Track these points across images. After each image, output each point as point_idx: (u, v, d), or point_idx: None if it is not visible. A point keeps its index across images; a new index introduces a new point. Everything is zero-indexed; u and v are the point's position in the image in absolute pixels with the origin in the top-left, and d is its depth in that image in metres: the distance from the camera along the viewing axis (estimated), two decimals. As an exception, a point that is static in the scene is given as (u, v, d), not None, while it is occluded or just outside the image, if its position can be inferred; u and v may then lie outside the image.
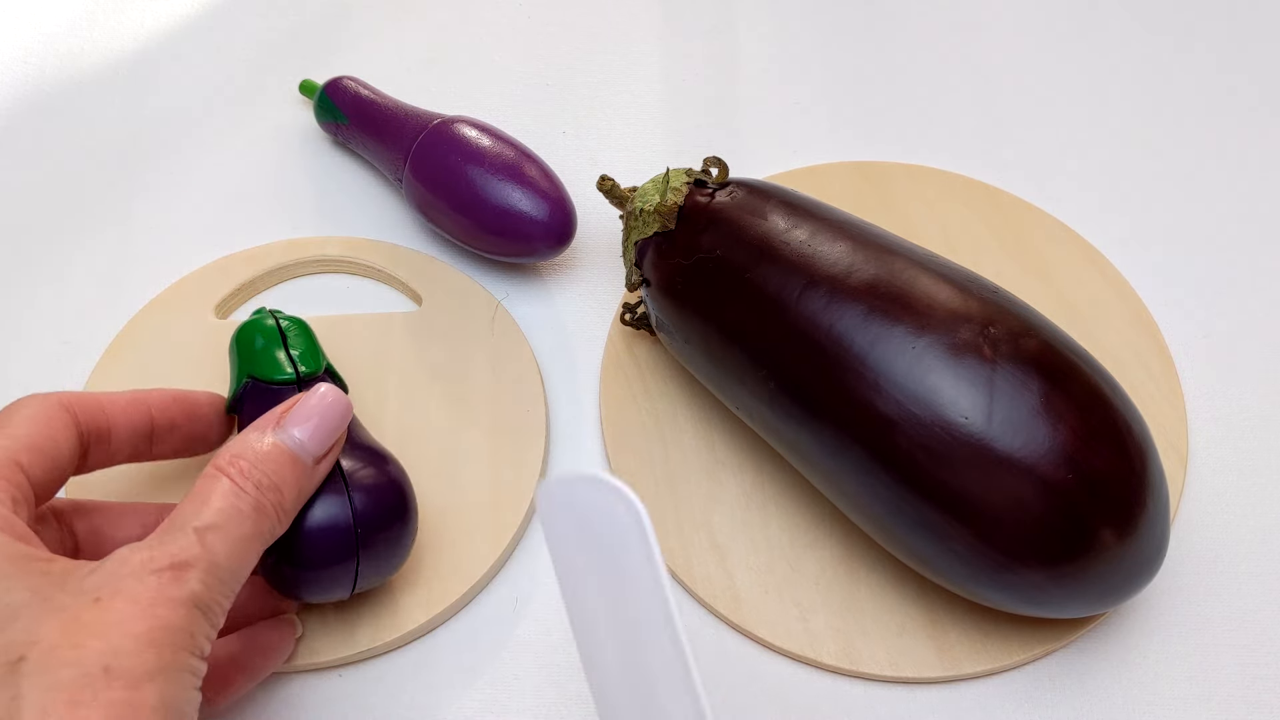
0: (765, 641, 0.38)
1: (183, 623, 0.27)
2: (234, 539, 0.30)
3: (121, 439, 0.35)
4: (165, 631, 0.27)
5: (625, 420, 0.43)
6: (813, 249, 0.37)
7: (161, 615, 0.27)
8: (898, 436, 0.34)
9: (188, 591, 0.28)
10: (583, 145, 0.54)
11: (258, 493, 0.31)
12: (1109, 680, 0.38)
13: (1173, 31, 0.59)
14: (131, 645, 0.26)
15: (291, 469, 0.32)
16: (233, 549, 0.30)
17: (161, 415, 0.36)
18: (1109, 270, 0.48)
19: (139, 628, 0.27)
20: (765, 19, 0.60)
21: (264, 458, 0.32)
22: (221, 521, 0.30)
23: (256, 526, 0.31)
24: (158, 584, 0.27)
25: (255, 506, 0.31)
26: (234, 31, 0.60)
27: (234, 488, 0.31)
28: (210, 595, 0.28)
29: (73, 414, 0.33)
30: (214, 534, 0.29)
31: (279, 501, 0.31)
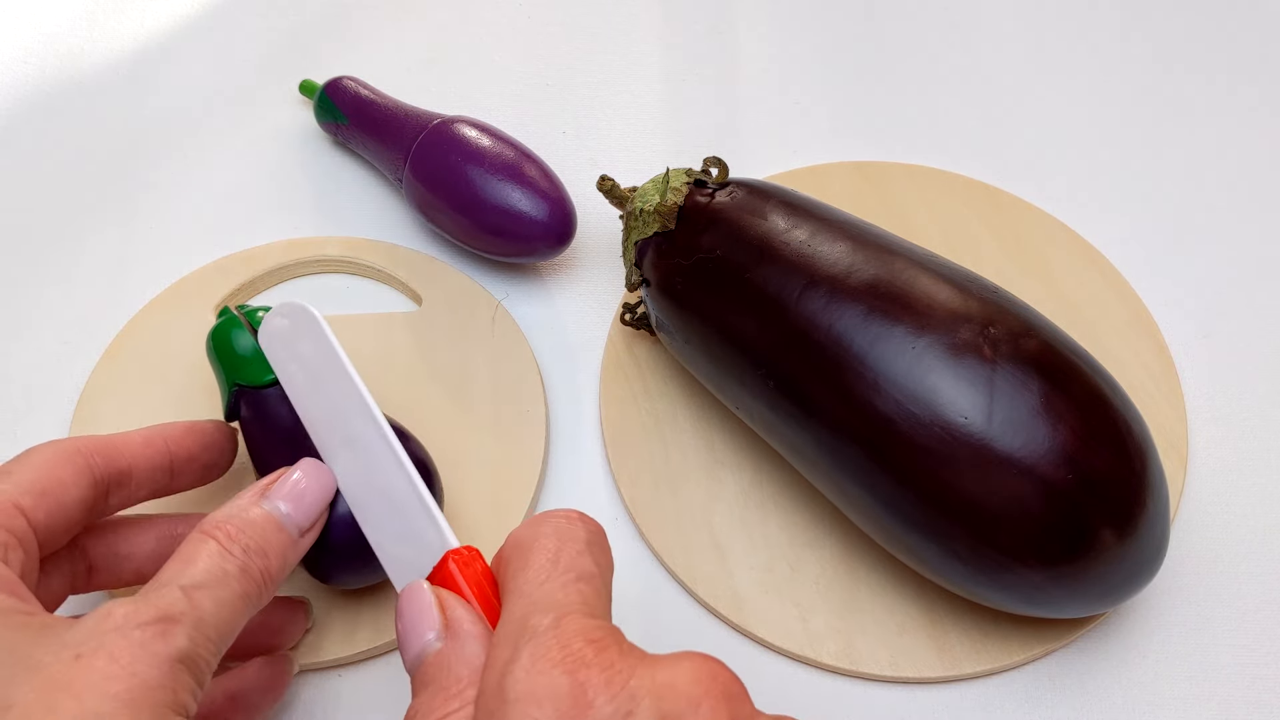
0: (765, 641, 0.38)
1: (165, 680, 0.27)
2: (221, 598, 0.29)
3: (142, 479, 0.35)
4: (145, 691, 0.26)
5: (625, 420, 0.43)
6: (813, 249, 0.37)
7: (142, 673, 0.26)
8: (897, 436, 0.34)
9: (173, 648, 0.27)
10: (583, 145, 0.54)
11: (245, 556, 0.30)
12: (1109, 680, 0.38)
13: (1173, 31, 0.59)
14: (109, 707, 0.25)
15: (277, 537, 0.32)
16: (220, 607, 0.29)
17: (179, 449, 0.36)
18: (1109, 270, 0.48)
19: (117, 687, 0.26)
20: (765, 19, 0.60)
21: (251, 524, 0.31)
22: (208, 581, 0.29)
23: (244, 588, 0.30)
24: (141, 639, 0.27)
25: (242, 569, 0.30)
26: (234, 31, 0.60)
27: (221, 549, 0.30)
28: (197, 651, 0.28)
29: (86, 457, 0.33)
30: (201, 592, 0.29)
31: (265, 567, 0.31)
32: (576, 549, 0.29)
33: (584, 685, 0.24)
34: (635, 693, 0.24)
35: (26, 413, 0.45)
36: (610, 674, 0.24)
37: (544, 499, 0.42)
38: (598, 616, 0.27)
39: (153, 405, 0.44)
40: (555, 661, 0.25)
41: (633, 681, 0.24)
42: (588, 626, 0.26)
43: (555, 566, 0.28)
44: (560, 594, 0.27)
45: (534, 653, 0.25)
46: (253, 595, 0.30)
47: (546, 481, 0.43)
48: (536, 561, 0.28)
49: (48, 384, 0.45)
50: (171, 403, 0.44)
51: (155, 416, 0.43)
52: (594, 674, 0.24)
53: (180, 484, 0.36)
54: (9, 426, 0.44)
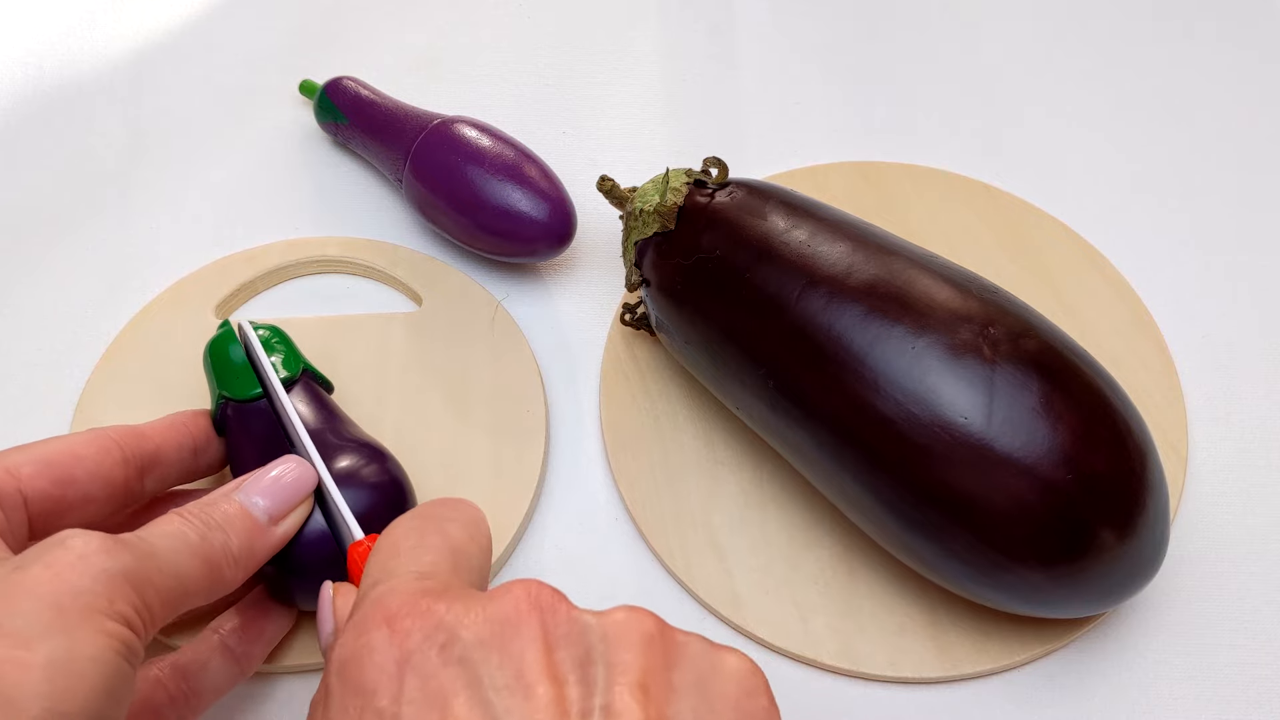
0: (765, 641, 0.38)
1: (99, 588, 0.27)
2: (174, 546, 0.30)
3: (171, 459, 0.36)
4: (72, 594, 0.26)
5: (625, 420, 0.43)
6: (812, 249, 0.37)
7: (71, 579, 0.26)
8: (897, 436, 0.34)
9: (114, 562, 0.27)
10: (583, 145, 0.54)
11: (205, 528, 0.31)
12: (1109, 680, 0.38)
13: (1173, 32, 0.59)
14: (29, 606, 0.26)
15: (242, 520, 0.32)
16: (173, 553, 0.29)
17: (197, 429, 0.38)
18: (1109, 270, 0.48)
19: (44, 589, 0.26)
20: (765, 19, 0.60)
21: (214, 505, 0.32)
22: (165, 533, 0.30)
23: (202, 551, 0.30)
24: (82, 553, 0.27)
25: (201, 536, 0.31)
26: (234, 31, 0.60)
27: (182, 519, 0.31)
28: (144, 574, 0.28)
29: (114, 439, 0.34)
30: (155, 537, 0.29)
31: (225, 543, 0.31)
32: (434, 526, 0.29)
33: (401, 632, 0.24)
34: (451, 626, 0.24)
35: (26, 413, 0.45)
36: (427, 617, 0.25)
37: (544, 499, 0.42)
38: (437, 578, 0.27)
39: (153, 406, 0.43)
40: (375, 621, 0.25)
41: (449, 617, 0.24)
42: (415, 585, 0.26)
43: (404, 543, 0.28)
44: (397, 563, 0.27)
45: (357, 618, 0.25)
46: (214, 561, 0.31)
47: (546, 481, 0.43)
48: (388, 540, 0.29)
49: (48, 384, 0.45)
50: (171, 403, 0.43)
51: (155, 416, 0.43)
52: (410, 621, 0.25)
53: (203, 464, 0.38)
54: (9, 427, 0.44)
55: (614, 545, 0.41)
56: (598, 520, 0.42)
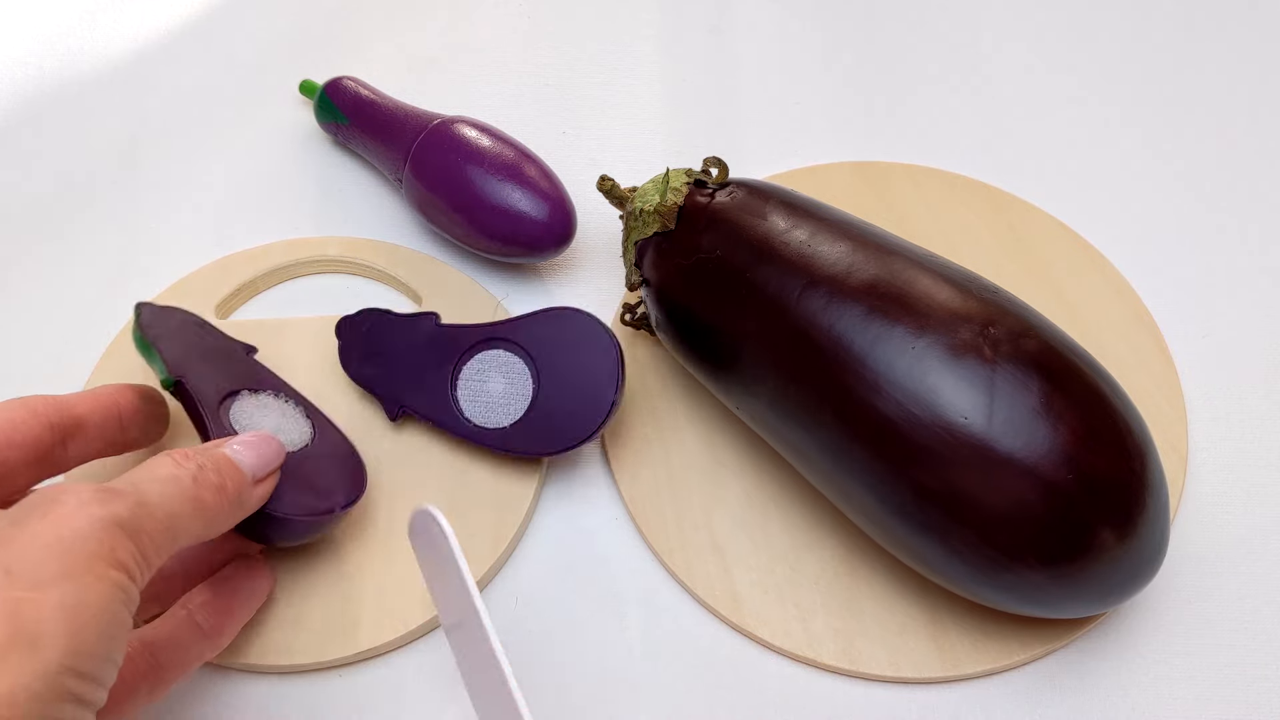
0: (765, 642, 0.38)
1: (99, 534, 0.27)
2: (168, 492, 0.30)
3: (95, 428, 0.36)
4: (77, 540, 0.27)
5: (625, 420, 0.43)
6: (813, 249, 0.37)
7: (73, 527, 0.27)
8: (898, 437, 0.34)
9: (110, 511, 0.28)
10: (583, 145, 0.54)
11: (199, 470, 0.32)
12: (1109, 680, 0.38)
13: (1173, 31, 0.59)
14: (36, 553, 0.26)
15: (231, 469, 0.33)
16: (166, 500, 0.30)
17: (125, 400, 0.38)
18: (1109, 270, 0.48)
19: (48, 538, 0.27)
20: (765, 19, 0.60)
21: (206, 451, 0.33)
22: (159, 477, 0.30)
23: (195, 494, 0.31)
24: (78, 503, 0.28)
25: (194, 477, 0.31)
26: (234, 31, 0.60)
27: (174, 462, 0.31)
28: (138, 522, 0.28)
29: (39, 403, 0.35)
30: (148, 483, 0.30)
31: (220, 484, 0.32)
32: None
33: None
34: None
35: (26, 413, 0.45)
36: None
37: (544, 499, 0.42)
38: None
39: (153, 405, 0.43)
40: None
41: None
42: None
43: None
44: None
45: None
46: (206, 505, 0.31)
47: (547, 481, 0.43)
48: None
49: (48, 384, 0.45)
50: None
51: (155, 416, 0.43)
52: None
53: (130, 437, 0.38)
54: (9, 426, 0.44)
55: (614, 545, 0.41)
56: (598, 520, 0.42)
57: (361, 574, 0.39)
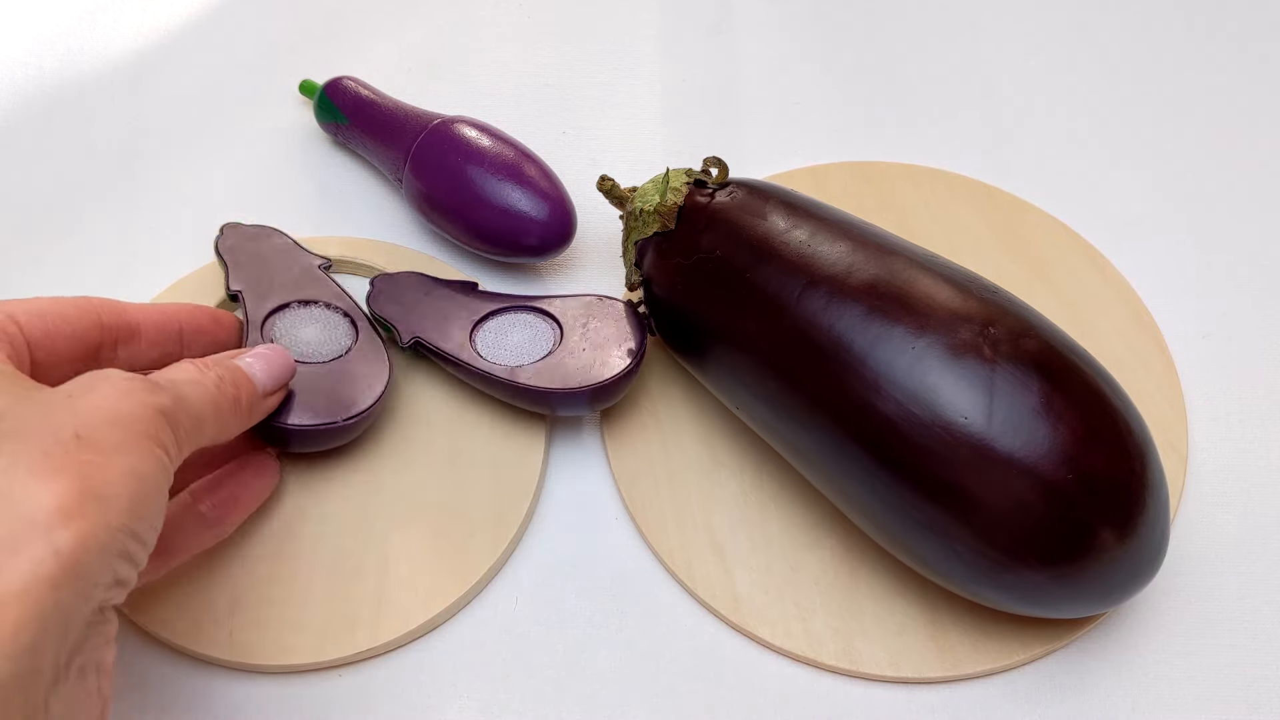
0: (765, 641, 0.38)
1: (149, 417, 0.30)
2: (197, 393, 0.32)
3: (151, 338, 0.37)
4: (133, 419, 0.29)
5: (625, 420, 0.43)
6: (813, 249, 0.38)
7: (129, 407, 0.29)
8: (898, 436, 0.34)
9: (156, 400, 0.30)
10: (583, 145, 0.54)
11: (218, 378, 0.34)
12: (1109, 680, 0.38)
13: (1173, 31, 0.59)
14: (100, 423, 0.28)
15: (245, 381, 0.35)
16: (196, 399, 0.32)
17: (189, 319, 0.39)
18: (1109, 270, 0.48)
19: (108, 414, 0.29)
20: (765, 19, 0.60)
21: (222, 361, 0.35)
22: (187, 379, 0.33)
23: (215, 398, 0.33)
24: (129, 389, 0.30)
25: (216, 383, 0.34)
26: (234, 31, 0.60)
27: (198, 370, 0.34)
28: (175, 415, 0.31)
29: (93, 303, 0.36)
30: (180, 383, 0.32)
31: (236, 395, 0.34)
32: None
33: None
34: None
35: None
36: None
37: (544, 499, 0.42)
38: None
39: (153, 405, 0.44)
40: None
41: None
42: None
43: None
44: None
45: None
46: (223, 409, 0.34)
47: (547, 481, 0.43)
48: None
49: (48, 384, 0.45)
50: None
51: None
52: None
53: (191, 352, 0.39)
54: (9, 426, 0.44)
55: (614, 545, 0.41)
56: (598, 520, 0.42)
57: (361, 574, 0.39)
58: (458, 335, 0.43)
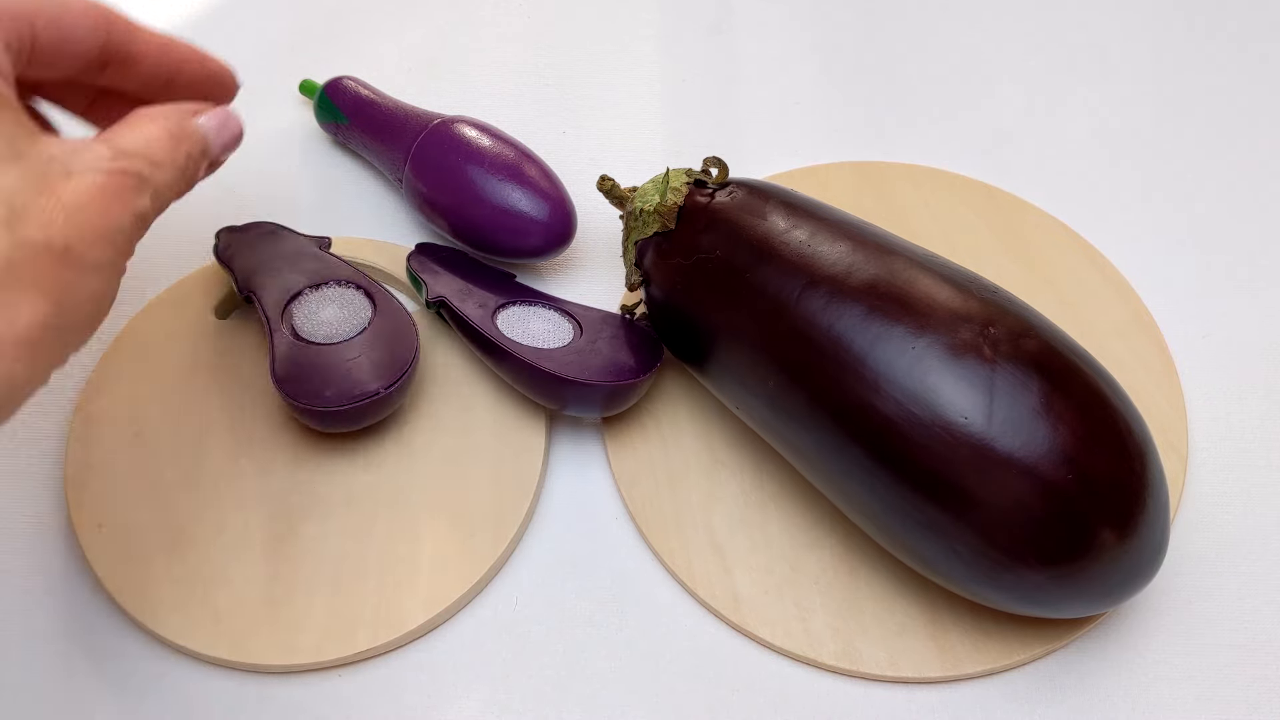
0: (765, 641, 0.38)
1: (131, 227, 0.30)
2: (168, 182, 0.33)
3: (142, 75, 0.37)
4: (118, 232, 0.30)
5: (625, 420, 0.43)
6: (812, 249, 0.38)
7: (116, 217, 0.30)
8: (897, 436, 0.34)
9: (139, 205, 0.31)
10: (583, 145, 0.54)
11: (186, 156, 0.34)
12: (1109, 680, 0.38)
13: (1173, 31, 0.59)
14: (90, 235, 0.29)
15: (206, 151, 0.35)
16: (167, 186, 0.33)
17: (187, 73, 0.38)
18: (1109, 270, 0.48)
19: (99, 222, 0.29)
20: (765, 19, 0.60)
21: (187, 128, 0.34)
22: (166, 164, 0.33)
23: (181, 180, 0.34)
24: (120, 186, 0.30)
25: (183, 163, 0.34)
26: (234, 31, 0.60)
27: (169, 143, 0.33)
28: (149, 214, 0.31)
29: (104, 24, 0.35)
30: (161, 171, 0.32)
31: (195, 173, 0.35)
32: None
33: None
34: None
35: (27, 412, 0.45)
36: None
37: (544, 499, 0.42)
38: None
39: (153, 405, 0.44)
40: None
41: None
42: None
43: None
44: None
45: None
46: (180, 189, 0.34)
47: (547, 481, 0.43)
48: None
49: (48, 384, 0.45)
50: (172, 403, 0.44)
51: (155, 417, 0.43)
52: None
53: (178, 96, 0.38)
54: (10, 426, 0.44)
55: (614, 545, 0.41)
56: (598, 520, 0.42)
57: (362, 574, 0.39)
58: (481, 311, 0.43)
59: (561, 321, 0.44)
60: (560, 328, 0.43)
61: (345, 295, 0.44)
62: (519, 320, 0.43)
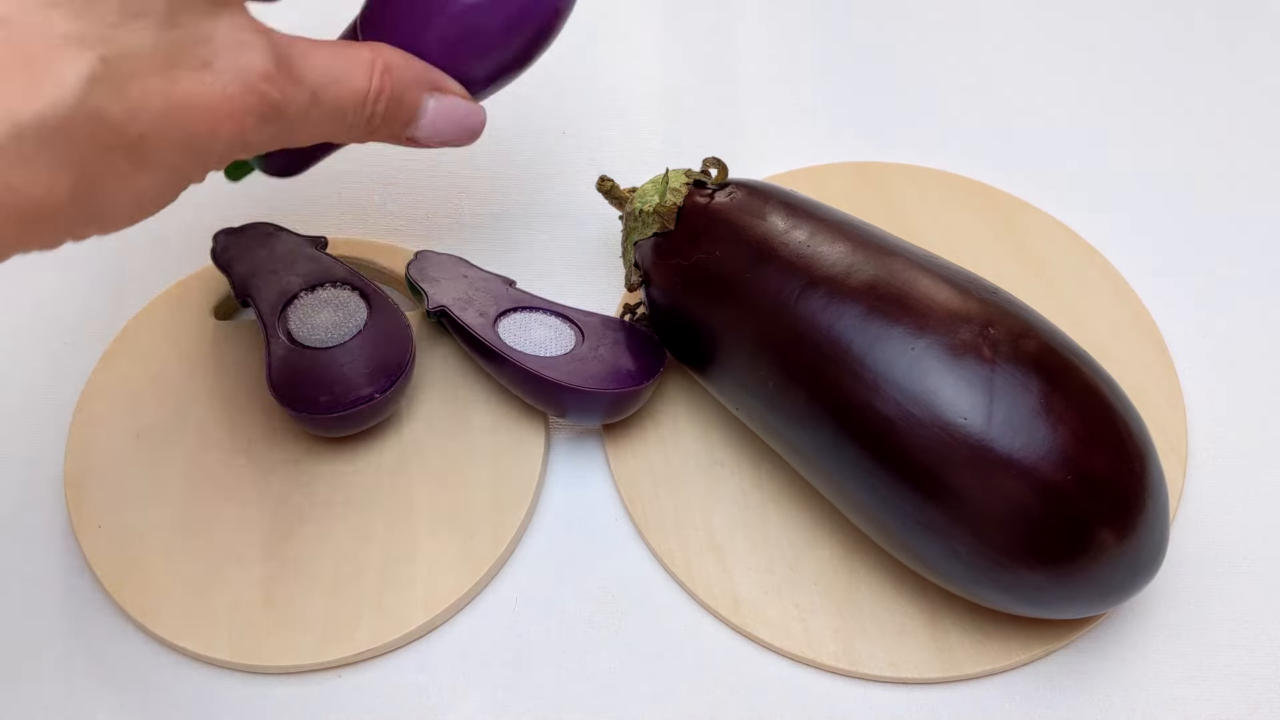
0: (765, 642, 0.38)
1: (224, 152, 0.28)
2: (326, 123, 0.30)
3: None
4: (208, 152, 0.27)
5: (625, 421, 0.43)
6: (812, 249, 0.37)
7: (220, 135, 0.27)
8: (897, 437, 0.34)
9: (257, 136, 0.28)
10: (582, 145, 0.54)
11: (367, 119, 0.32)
12: (1109, 680, 0.38)
13: (1173, 32, 0.59)
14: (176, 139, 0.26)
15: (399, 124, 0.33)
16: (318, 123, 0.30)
17: None
18: (1109, 270, 0.48)
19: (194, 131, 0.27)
20: (765, 19, 0.60)
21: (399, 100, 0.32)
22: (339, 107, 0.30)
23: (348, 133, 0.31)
24: (249, 108, 0.28)
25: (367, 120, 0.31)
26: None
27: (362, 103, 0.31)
28: (264, 145, 0.29)
29: None
30: (321, 108, 0.30)
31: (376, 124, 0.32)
32: None
33: None
34: None
35: (27, 413, 0.45)
36: None
37: (544, 499, 0.42)
38: None
39: (153, 405, 0.44)
40: None
41: None
42: None
43: None
44: None
45: None
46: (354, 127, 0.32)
47: (546, 481, 0.43)
48: None
49: (47, 384, 0.45)
50: (171, 403, 0.44)
51: (156, 417, 0.43)
52: None
53: None
54: (9, 426, 0.44)
55: (614, 545, 0.41)
56: (598, 520, 0.42)
57: (362, 574, 0.39)
58: (482, 319, 0.43)
59: (563, 328, 0.44)
60: (562, 334, 0.43)
61: (341, 297, 0.43)
62: (520, 328, 0.43)
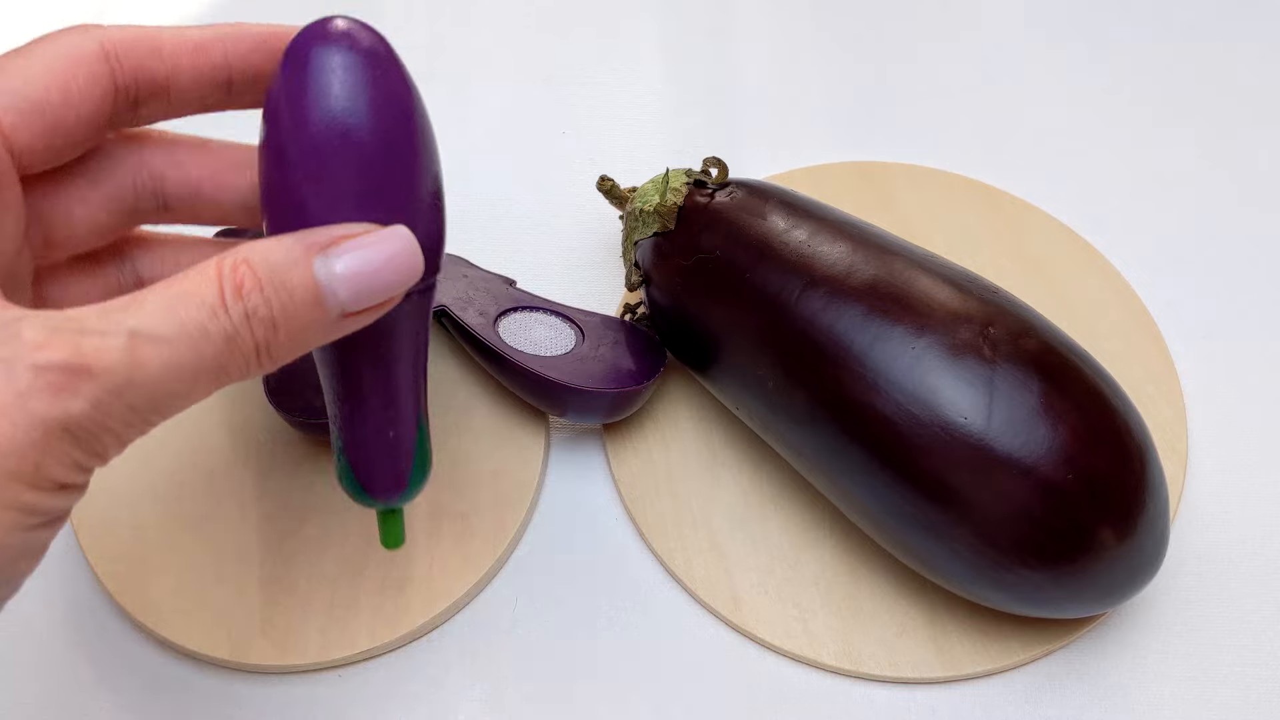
0: (765, 642, 0.38)
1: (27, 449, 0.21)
2: (177, 363, 0.23)
3: (186, 93, 0.28)
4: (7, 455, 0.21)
5: (625, 421, 0.43)
6: (812, 249, 0.38)
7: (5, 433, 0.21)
8: (897, 437, 0.34)
9: (60, 411, 0.21)
10: (582, 145, 0.54)
11: (244, 323, 0.24)
12: (1109, 680, 0.38)
13: (1173, 32, 0.59)
14: None
15: (306, 313, 0.25)
16: (168, 372, 0.23)
17: (242, 63, 0.29)
18: (1109, 270, 0.48)
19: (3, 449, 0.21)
20: (765, 19, 0.60)
21: (279, 285, 0.24)
22: (173, 336, 0.23)
23: (218, 360, 0.24)
24: (28, 386, 0.21)
25: (229, 338, 0.24)
26: (234, 32, 0.59)
27: (218, 304, 0.23)
28: (99, 422, 0.22)
29: (110, 64, 0.27)
30: (153, 347, 0.23)
31: (268, 342, 0.24)
32: None
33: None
34: None
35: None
36: None
37: (544, 499, 0.42)
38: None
39: (153, 405, 0.44)
40: None
41: None
42: None
43: None
44: None
45: None
46: (230, 369, 0.24)
47: (546, 481, 0.43)
48: None
49: (48, 384, 0.45)
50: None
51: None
52: None
53: (240, 103, 0.30)
54: (9, 427, 0.44)
55: (614, 545, 0.41)
56: (598, 520, 0.42)
57: (362, 575, 0.39)
58: (482, 319, 0.43)
59: (563, 328, 0.44)
60: (562, 334, 0.43)
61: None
62: (521, 328, 0.43)
